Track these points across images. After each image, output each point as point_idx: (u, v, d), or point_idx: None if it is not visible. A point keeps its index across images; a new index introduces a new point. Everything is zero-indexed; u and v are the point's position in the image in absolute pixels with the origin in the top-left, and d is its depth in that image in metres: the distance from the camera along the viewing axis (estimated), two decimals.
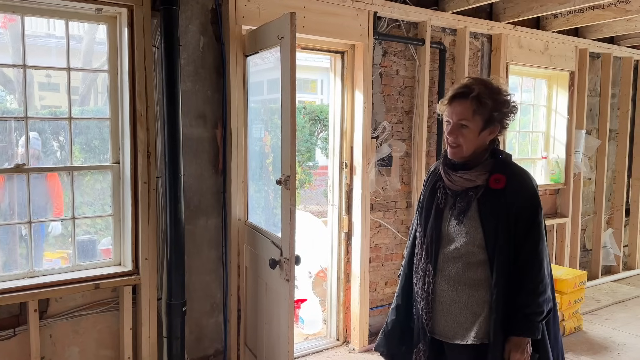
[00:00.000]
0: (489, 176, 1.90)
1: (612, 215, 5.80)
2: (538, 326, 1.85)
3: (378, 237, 3.95)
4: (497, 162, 1.93)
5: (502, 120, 1.92)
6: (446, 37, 4.14)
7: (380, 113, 3.86)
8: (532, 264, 1.86)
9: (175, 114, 2.76)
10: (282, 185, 2.53)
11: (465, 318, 1.93)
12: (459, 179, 1.94)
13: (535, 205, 1.90)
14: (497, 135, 1.95)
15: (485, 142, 1.93)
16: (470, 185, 1.92)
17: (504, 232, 1.86)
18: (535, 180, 1.97)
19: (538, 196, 1.93)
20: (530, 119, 5.20)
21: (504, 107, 1.91)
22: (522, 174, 1.95)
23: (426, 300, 1.98)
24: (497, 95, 1.90)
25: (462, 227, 1.90)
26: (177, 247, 2.80)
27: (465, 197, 1.92)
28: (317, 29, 3.34)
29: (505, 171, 1.91)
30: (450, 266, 1.94)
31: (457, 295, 1.93)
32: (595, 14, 4.23)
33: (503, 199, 1.87)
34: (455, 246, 1.92)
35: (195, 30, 3.01)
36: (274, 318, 2.75)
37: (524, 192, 1.89)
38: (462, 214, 1.91)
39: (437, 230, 1.96)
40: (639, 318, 4.50)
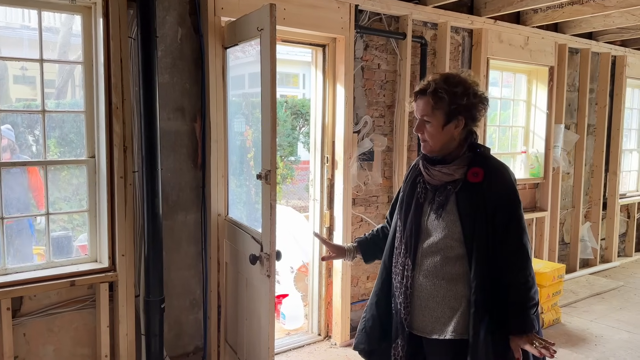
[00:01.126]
0: (467, 170, 1.90)
1: (590, 209, 5.89)
2: (534, 321, 1.85)
3: (360, 232, 3.94)
4: (475, 156, 1.92)
5: (467, 112, 1.88)
6: (427, 31, 4.13)
7: (361, 107, 3.84)
8: (520, 257, 1.86)
9: (153, 106, 2.70)
10: (263, 180, 2.50)
11: (443, 312, 1.92)
12: (438, 173, 1.93)
13: (514, 198, 1.89)
14: (468, 127, 1.92)
15: (454, 136, 1.91)
16: (448, 180, 1.91)
17: (482, 225, 1.85)
18: (513, 174, 1.96)
19: (516, 190, 1.91)
20: (510, 113, 5.24)
21: (464, 100, 1.86)
22: (500, 168, 1.93)
23: (404, 295, 1.97)
24: (455, 88, 1.86)
25: (441, 221, 1.90)
26: (154, 243, 2.75)
27: (444, 192, 1.92)
28: (297, 21, 3.30)
29: (483, 165, 1.90)
30: (428, 260, 1.93)
31: (435, 289, 1.92)
32: (574, 10, 4.27)
33: (481, 192, 1.86)
34: (433, 240, 1.92)
35: (172, 22, 2.95)
36: (254, 314, 2.72)
37: (502, 186, 1.88)
38: (440, 208, 1.91)
39: (417, 224, 1.96)
40: (616, 310, 4.58)
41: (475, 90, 1.89)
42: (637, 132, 6.66)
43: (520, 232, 1.88)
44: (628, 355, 3.67)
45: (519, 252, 1.86)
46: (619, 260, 6.16)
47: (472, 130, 1.95)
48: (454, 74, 1.95)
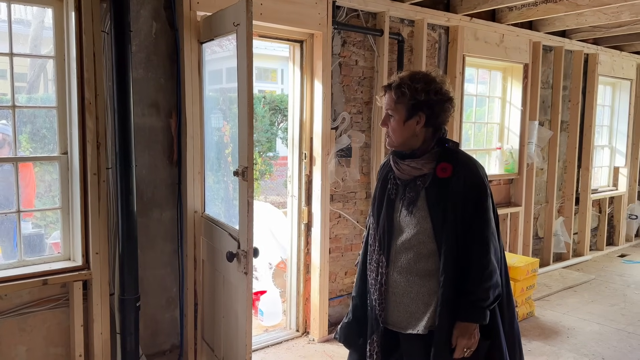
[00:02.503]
0: (436, 165, 1.92)
1: (563, 204, 6.01)
2: (484, 312, 1.86)
3: (338, 228, 3.95)
4: (443, 151, 1.94)
5: (428, 109, 1.90)
6: (404, 28, 4.15)
7: (339, 103, 3.84)
8: (477, 250, 1.87)
9: (126, 102, 2.65)
10: (240, 177, 2.48)
11: (417, 308, 1.95)
12: (407, 167, 1.95)
13: (480, 192, 1.90)
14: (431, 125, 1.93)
15: (416, 132, 1.92)
16: (417, 174, 1.94)
17: (451, 220, 1.87)
18: (483, 169, 1.98)
19: (484, 184, 1.93)
20: (485, 110, 5.30)
21: (422, 96, 1.88)
22: (468, 162, 1.95)
23: (379, 292, 2.00)
24: (417, 84, 1.89)
25: (412, 217, 1.92)
26: (129, 240, 2.71)
27: (414, 187, 1.94)
28: (275, 16, 3.28)
29: (451, 160, 1.92)
30: (402, 257, 1.95)
31: (409, 285, 1.95)
32: (548, 8, 4.34)
33: (449, 187, 1.88)
34: (406, 237, 1.94)
35: (147, 16, 2.90)
36: (231, 311, 2.71)
37: (469, 180, 1.90)
38: (411, 204, 1.93)
39: (389, 221, 1.98)
40: (587, 303, 4.70)
41: (437, 88, 1.91)
42: (609, 128, 6.81)
43: (483, 225, 1.89)
44: (598, 347, 3.77)
45: (479, 245, 1.88)
46: (591, 254, 6.31)
47: (438, 128, 1.96)
48: (422, 71, 1.99)
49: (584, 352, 3.67)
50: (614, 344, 3.83)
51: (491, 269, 1.86)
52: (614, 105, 6.78)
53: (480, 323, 1.88)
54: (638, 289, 5.11)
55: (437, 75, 1.96)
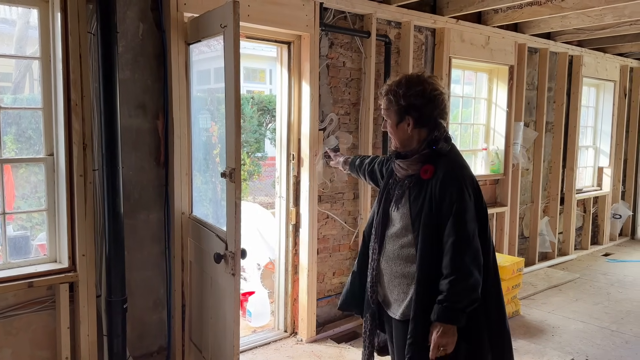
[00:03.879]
0: (421, 166, 2.01)
1: (548, 204, 6.09)
2: (457, 315, 1.87)
3: (326, 229, 3.97)
4: (431, 154, 2.01)
5: (414, 112, 1.97)
6: (391, 30, 4.18)
7: (327, 105, 3.86)
8: (451, 252, 1.89)
9: (113, 103, 2.64)
10: (227, 178, 2.49)
11: (399, 295, 2.10)
12: (397, 167, 2.09)
13: (456, 195, 1.92)
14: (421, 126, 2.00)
15: (410, 134, 2.01)
16: (405, 174, 2.06)
17: (425, 221, 1.95)
18: (467, 171, 2.02)
19: (462, 187, 1.94)
20: (471, 111, 5.35)
21: (404, 101, 1.97)
22: (450, 166, 1.99)
23: (372, 276, 2.18)
24: (402, 89, 1.98)
25: (398, 212, 2.07)
26: (116, 242, 2.71)
27: (403, 185, 2.08)
28: (262, 18, 3.29)
29: (435, 162, 2.00)
30: (389, 246, 2.11)
31: (393, 274, 2.11)
32: (533, 10, 4.39)
33: (428, 188, 1.97)
34: (393, 229, 2.10)
35: (134, 17, 2.90)
36: (219, 312, 2.71)
37: (446, 182, 1.94)
38: (398, 200, 2.08)
39: (385, 213, 2.13)
40: (572, 301, 4.76)
41: (418, 90, 1.97)
42: (593, 129, 6.91)
43: (459, 228, 1.90)
44: (582, 345, 3.83)
45: (453, 248, 1.89)
46: (576, 253, 6.40)
47: (435, 128, 2.01)
48: (410, 75, 2.07)
49: (568, 350, 3.73)
50: (598, 342, 3.89)
51: (465, 272, 1.87)
52: (598, 107, 6.88)
53: (454, 325, 1.89)
54: (621, 287, 5.20)
55: (427, 78, 2.01)
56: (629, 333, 4.04)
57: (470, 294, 1.88)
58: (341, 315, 4.13)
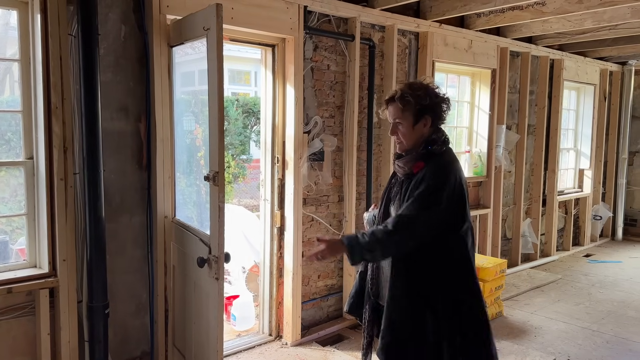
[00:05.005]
0: (414, 164, 2.16)
1: (531, 206, 6.16)
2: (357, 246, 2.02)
3: (311, 231, 3.96)
4: (425, 153, 2.16)
5: (432, 111, 2.16)
6: (375, 33, 4.20)
7: (312, 107, 3.86)
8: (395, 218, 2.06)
9: (94, 106, 2.61)
10: (210, 182, 2.47)
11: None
12: (397, 166, 2.24)
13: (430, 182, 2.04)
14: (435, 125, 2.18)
15: (424, 134, 2.17)
16: (403, 172, 2.20)
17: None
18: (455, 171, 2.12)
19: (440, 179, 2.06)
20: (455, 114, 5.40)
21: (427, 100, 2.14)
22: (438, 162, 2.12)
23: (372, 269, 2.32)
24: (418, 92, 2.15)
25: (394, 208, 2.20)
26: (97, 246, 2.67)
27: (400, 183, 2.21)
28: (246, 21, 3.28)
29: (427, 160, 2.13)
30: None
31: (389, 267, 2.21)
32: (514, 15, 4.45)
33: (412, 181, 2.12)
34: None
35: (115, 19, 2.87)
36: (202, 317, 2.69)
37: (426, 175, 2.07)
38: (395, 197, 2.21)
39: (386, 210, 2.27)
40: (554, 302, 4.82)
41: (436, 92, 2.19)
42: (574, 132, 7.02)
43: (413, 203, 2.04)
44: (564, 345, 3.88)
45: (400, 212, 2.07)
46: (558, 254, 6.48)
47: (438, 129, 2.20)
48: (415, 81, 2.28)
49: (550, 351, 3.77)
50: (579, 342, 3.94)
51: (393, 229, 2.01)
52: (578, 109, 6.99)
53: (346, 250, 2.04)
54: (602, 288, 5.28)
55: (430, 83, 2.22)
56: (610, 333, 4.10)
57: (381, 246, 2.03)
58: (326, 318, 4.13)
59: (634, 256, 6.57)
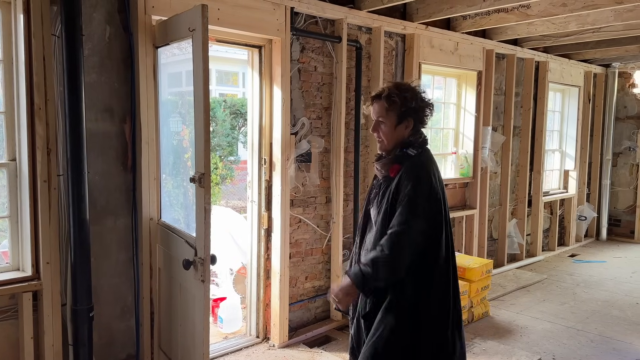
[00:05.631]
0: (390, 166, 2.19)
1: (516, 206, 6.21)
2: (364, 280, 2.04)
3: (298, 233, 3.96)
4: (401, 155, 2.18)
5: (415, 114, 2.18)
6: (362, 35, 4.21)
7: (299, 109, 3.86)
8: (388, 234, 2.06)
9: (78, 107, 2.59)
10: (196, 183, 2.46)
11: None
12: (376, 169, 2.27)
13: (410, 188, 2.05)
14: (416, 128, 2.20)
15: (405, 135, 2.19)
16: (381, 175, 2.23)
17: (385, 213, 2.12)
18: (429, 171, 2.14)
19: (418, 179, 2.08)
20: (441, 116, 5.43)
21: (412, 103, 2.16)
22: (411, 165, 2.13)
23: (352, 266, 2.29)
24: (405, 93, 2.17)
25: (374, 210, 2.23)
26: (81, 249, 2.64)
27: (380, 186, 2.23)
28: (232, 21, 3.27)
29: (403, 162, 2.16)
30: (368, 239, 2.25)
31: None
32: (500, 17, 4.49)
33: (391, 185, 2.13)
34: (371, 224, 2.25)
35: (100, 19, 2.84)
36: (188, 320, 2.67)
37: (402, 178, 2.10)
38: (374, 199, 2.24)
39: (366, 212, 2.31)
40: (539, 302, 4.87)
41: (422, 96, 2.21)
42: (559, 133, 7.10)
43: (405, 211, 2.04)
44: (550, 344, 3.91)
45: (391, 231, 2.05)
46: (543, 254, 6.55)
47: (419, 131, 2.23)
48: (404, 82, 2.30)
49: (536, 350, 3.80)
50: (564, 341, 3.98)
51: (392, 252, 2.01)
52: (563, 111, 7.07)
53: (357, 288, 2.07)
54: (587, 287, 5.34)
55: (417, 85, 2.25)
56: (594, 332, 4.15)
57: (386, 270, 2.04)
58: (314, 319, 4.13)
59: (617, 256, 6.66)
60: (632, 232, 7.46)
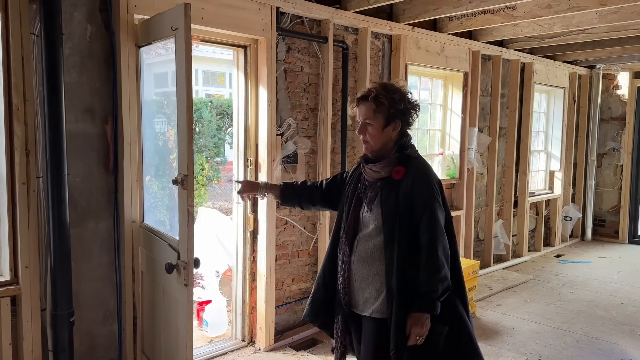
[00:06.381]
0: (393, 168, 2.15)
1: (502, 207, 6.23)
2: (434, 304, 2.03)
3: (285, 235, 3.93)
4: (401, 156, 2.17)
5: (403, 116, 2.17)
6: (349, 35, 4.19)
7: (285, 110, 3.82)
8: (427, 247, 2.06)
9: (58, 107, 2.53)
10: (179, 186, 2.41)
11: (371, 294, 2.18)
12: (370, 170, 2.20)
13: (429, 193, 2.10)
14: (403, 130, 2.19)
15: (392, 137, 2.18)
16: (378, 177, 2.18)
17: (399, 218, 2.08)
18: (434, 174, 2.21)
19: (432, 186, 2.13)
20: (428, 117, 5.43)
21: (401, 105, 2.16)
22: (420, 167, 2.18)
23: (343, 277, 2.24)
24: (393, 95, 2.15)
25: (372, 213, 2.16)
26: (61, 253, 2.58)
27: (375, 188, 2.18)
28: (217, 21, 3.23)
29: (406, 164, 2.15)
30: (361, 247, 2.19)
31: (366, 273, 2.19)
32: (485, 18, 4.50)
33: (400, 188, 2.11)
34: (366, 230, 2.18)
35: (81, 18, 2.79)
36: (172, 324, 2.63)
37: (418, 182, 2.11)
38: (371, 202, 2.17)
39: (355, 216, 2.22)
40: (526, 303, 4.88)
41: (409, 97, 2.20)
42: (544, 134, 7.14)
43: (432, 223, 2.07)
44: (536, 345, 3.92)
45: (428, 242, 2.05)
46: (529, 255, 6.58)
47: (405, 133, 2.22)
48: (391, 83, 2.26)
49: (522, 351, 3.81)
50: (550, 342, 3.99)
51: (439, 264, 2.04)
52: (549, 112, 7.12)
53: (431, 313, 2.05)
54: (572, 287, 5.37)
55: (403, 86, 2.23)
56: (580, 332, 4.17)
57: (443, 283, 2.03)
58: (300, 322, 4.09)
59: (602, 256, 6.72)
60: (617, 232, 7.54)
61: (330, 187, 2.48)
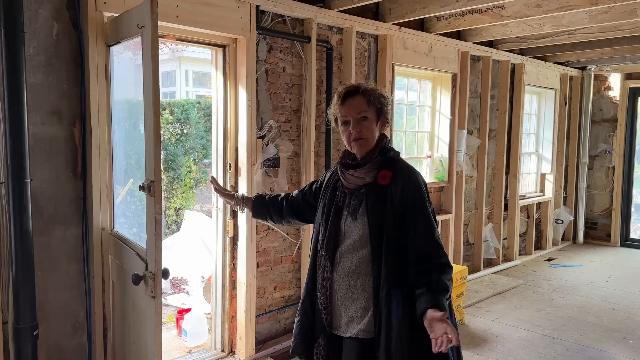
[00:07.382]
0: (377, 173, 1.98)
1: (492, 211, 6.14)
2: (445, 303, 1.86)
3: (267, 241, 3.80)
4: (385, 160, 2.02)
5: (385, 115, 2.06)
6: (333, 35, 4.07)
7: (266, 111, 3.70)
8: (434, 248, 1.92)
9: (20, 109, 2.39)
10: (146, 192, 2.28)
11: (356, 312, 1.98)
12: (351, 177, 2.02)
13: (420, 197, 1.97)
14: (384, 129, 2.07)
15: (379, 134, 2.04)
16: (361, 183, 2.00)
17: (390, 226, 1.92)
18: (421, 177, 2.07)
19: (423, 190, 2.00)
20: (416, 119, 5.32)
21: (385, 101, 2.05)
22: (407, 170, 2.03)
23: (325, 296, 2.04)
24: (376, 90, 2.06)
25: (356, 223, 1.98)
26: (24, 262, 2.44)
27: (359, 195, 2.00)
28: (193, 19, 3.10)
29: (392, 168, 2.00)
30: (345, 261, 2.00)
31: (350, 289, 1.99)
32: (474, 18, 4.39)
33: (388, 193, 1.95)
34: (350, 242, 1.99)
35: (47, 16, 2.65)
36: (142, 337, 2.49)
37: (407, 186, 1.96)
38: (355, 211, 1.99)
39: (336, 227, 2.03)
40: (515, 309, 4.78)
41: (387, 97, 2.09)
42: (535, 136, 7.05)
43: (431, 227, 1.94)
44: (525, 354, 3.81)
45: (433, 245, 1.92)
46: (520, 259, 6.49)
47: (384, 135, 2.08)
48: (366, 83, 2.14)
49: None
50: (540, 350, 3.89)
51: (449, 267, 1.92)
52: (540, 114, 7.03)
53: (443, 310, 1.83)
54: (563, 293, 5.28)
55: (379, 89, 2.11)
56: (570, 340, 4.07)
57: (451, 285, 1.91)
58: (283, 330, 3.97)
59: (594, 260, 6.63)
60: (609, 235, 7.46)
61: (301, 198, 2.33)
